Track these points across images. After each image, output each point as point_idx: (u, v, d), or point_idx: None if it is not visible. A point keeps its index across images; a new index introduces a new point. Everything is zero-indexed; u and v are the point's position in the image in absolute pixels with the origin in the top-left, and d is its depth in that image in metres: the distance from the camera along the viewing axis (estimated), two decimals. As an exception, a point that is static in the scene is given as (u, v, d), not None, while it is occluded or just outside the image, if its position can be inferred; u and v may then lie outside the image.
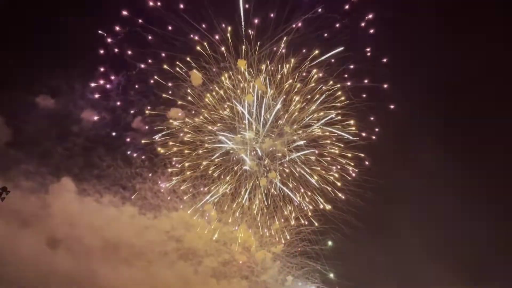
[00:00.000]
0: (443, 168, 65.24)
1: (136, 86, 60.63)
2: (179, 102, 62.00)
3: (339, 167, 63.64)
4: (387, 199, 64.19)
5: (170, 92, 61.56)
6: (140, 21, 57.90)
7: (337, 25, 59.65)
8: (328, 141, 63.62)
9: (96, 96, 59.62)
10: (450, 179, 65.65)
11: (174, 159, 61.92)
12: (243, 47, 60.63)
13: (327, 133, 63.81)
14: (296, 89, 62.85)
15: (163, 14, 58.12)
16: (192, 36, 59.96)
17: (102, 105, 60.06)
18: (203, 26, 59.28)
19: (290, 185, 63.04)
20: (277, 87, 62.89)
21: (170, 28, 58.52)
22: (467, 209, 65.01)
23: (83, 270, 51.77)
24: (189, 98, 62.21)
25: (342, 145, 63.55)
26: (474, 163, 65.54)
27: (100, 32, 57.86)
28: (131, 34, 58.30)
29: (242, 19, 59.60)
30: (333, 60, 61.21)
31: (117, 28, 57.86)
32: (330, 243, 62.85)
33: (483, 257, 63.94)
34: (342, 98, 62.69)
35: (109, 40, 58.05)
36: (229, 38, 60.06)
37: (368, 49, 60.47)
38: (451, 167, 65.17)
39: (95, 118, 59.94)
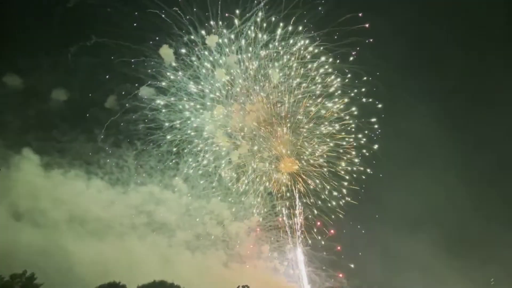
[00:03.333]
0: (428, 139, 70.15)
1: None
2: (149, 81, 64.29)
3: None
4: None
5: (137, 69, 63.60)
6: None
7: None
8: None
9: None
10: (435, 149, 70.65)
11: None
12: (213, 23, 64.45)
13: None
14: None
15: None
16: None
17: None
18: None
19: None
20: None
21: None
22: (450, 180, 69.73)
23: (50, 242, 52.11)
24: (160, 76, 64.82)
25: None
26: (460, 132, 70.62)
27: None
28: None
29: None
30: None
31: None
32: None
33: (465, 227, 68.45)
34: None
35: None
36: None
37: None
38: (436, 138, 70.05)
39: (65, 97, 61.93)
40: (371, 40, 64.90)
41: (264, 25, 64.80)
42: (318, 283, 64.76)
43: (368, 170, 66.87)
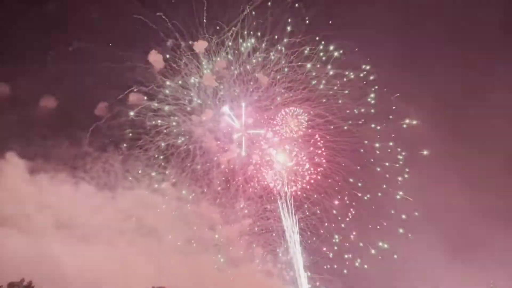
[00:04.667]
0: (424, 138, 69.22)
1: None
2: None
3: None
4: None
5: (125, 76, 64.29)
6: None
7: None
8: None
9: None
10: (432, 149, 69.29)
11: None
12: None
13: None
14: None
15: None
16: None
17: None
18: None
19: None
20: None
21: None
22: (448, 181, 69.40)
23: (38, 248, 51.41)
24: (147, 81, 65.53)
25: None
26: (458, 131, 70.30)
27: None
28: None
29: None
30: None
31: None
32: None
33: (464, 229, 68.24)
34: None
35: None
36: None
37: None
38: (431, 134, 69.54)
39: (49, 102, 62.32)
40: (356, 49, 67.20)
41: (251, 31, 66.63)
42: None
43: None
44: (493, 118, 70.91)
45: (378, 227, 68.10)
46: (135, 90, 64.99)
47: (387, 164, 68.05)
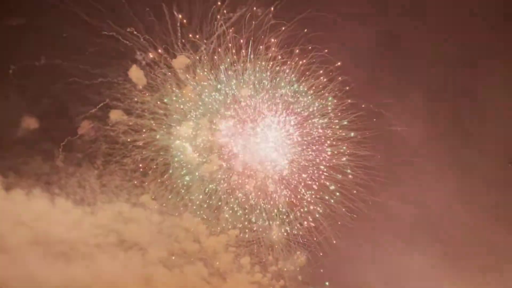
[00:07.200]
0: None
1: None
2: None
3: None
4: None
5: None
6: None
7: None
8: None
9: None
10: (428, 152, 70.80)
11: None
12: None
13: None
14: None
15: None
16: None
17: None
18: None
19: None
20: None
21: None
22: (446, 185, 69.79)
23: (15, 266, 51.84)
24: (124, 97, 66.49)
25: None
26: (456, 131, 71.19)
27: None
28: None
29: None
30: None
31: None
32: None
33: (464, 235, 68.57)
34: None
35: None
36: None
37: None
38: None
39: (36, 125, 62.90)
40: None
41: (229, 45, 67.78)
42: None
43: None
44: (489, 116, 71.44)
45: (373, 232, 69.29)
46: (109, 104, 66.20)
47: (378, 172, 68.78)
